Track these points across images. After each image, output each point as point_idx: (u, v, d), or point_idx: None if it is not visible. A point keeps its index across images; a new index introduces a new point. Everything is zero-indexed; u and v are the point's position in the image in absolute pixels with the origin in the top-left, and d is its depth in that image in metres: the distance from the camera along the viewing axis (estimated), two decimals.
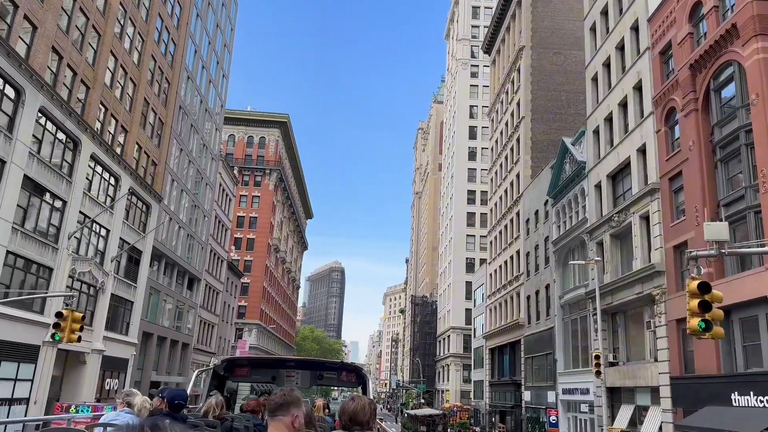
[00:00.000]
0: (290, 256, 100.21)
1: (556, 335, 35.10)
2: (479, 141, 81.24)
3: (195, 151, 45.47)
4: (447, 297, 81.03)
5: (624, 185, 28.23)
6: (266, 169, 79.36)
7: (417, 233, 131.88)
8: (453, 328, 74.78)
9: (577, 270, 33.43)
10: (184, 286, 45.39)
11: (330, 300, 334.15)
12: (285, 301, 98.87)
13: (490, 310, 53.81)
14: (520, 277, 44.21)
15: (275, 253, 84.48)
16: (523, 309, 42.70)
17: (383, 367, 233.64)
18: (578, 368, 32.09)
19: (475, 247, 77.73)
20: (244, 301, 74.70)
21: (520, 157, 46.22)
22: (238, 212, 77.74)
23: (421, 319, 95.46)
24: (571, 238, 33.66)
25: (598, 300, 26.26)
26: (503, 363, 48.99)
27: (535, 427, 38.16)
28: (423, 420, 41.00)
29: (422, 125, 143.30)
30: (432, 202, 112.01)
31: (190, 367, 47.73)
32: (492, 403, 50.08)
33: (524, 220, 43.79)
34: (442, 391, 77.61)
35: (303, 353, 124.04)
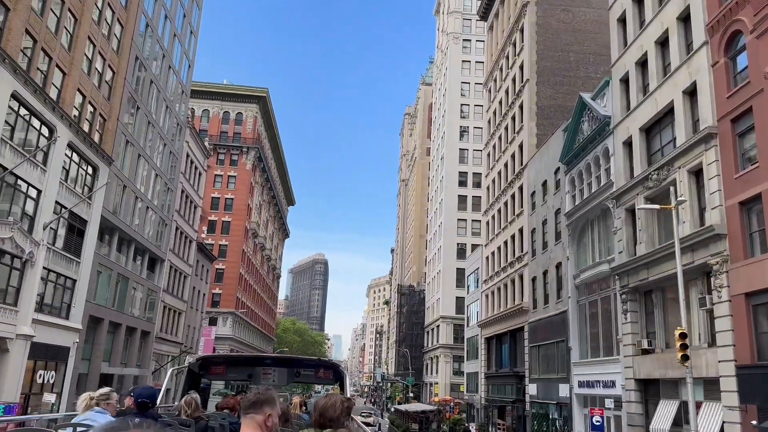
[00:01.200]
0: (270, 243, 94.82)
1: (569, 320, 30.48)
2: (471, 120, 76.54)
3: (156, 113, 40.01)
4: (436, 285, 76.42)
5: (662, 138, 23.55)
6: (243, 147, 73.83)
7: (403, 222, 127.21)
8: (443, 318, 70.19)
9: (597, 244, 28.78)
10: (144, 267, 40.01)
11: (313, 292, 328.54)
12: (264, 290, 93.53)
13: (486, 297, 49.15)
14: (523, 258, 39.54)
15: (253, 238, 79.10)
16: (527, 292, 38.06)
17: (367, 360, 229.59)
18: (599, 357, 27.48)
19: (466, 232, 73.15)
20: (219, 289, 69.34)
21: (523, 125, 41.46)
22: (213, 193, 72.22)
23: (408, 310, 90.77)
24: (589, 207, 28.97)
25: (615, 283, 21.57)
26: (502, 353, 44.39)
27: (543, 425, 33.58)
28: (414, 416, 36.21)
29: (409, 110, 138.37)
30: (419, 187, 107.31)
31: (152, 358, 42.42)
32: (489, 397, 45.50)
33: (529, 193, 39.09)
34: (431, 384, 73.05)
35: (284, 346, 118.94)
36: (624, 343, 24.35)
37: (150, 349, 41.79)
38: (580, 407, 29.22)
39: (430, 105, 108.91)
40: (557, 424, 30.97)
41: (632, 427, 23.17)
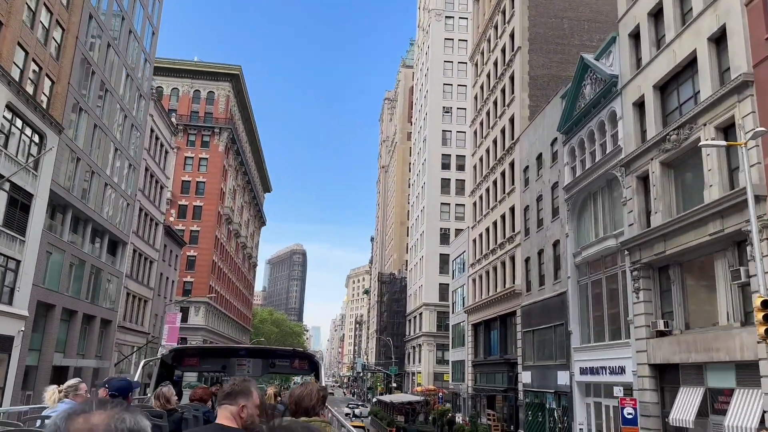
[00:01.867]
0: (245, 230, 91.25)
1: (569, 302, 28.04)
2: (455, 100, 73.87)
3: (115, 80, 36.41)
4: (418, 272, 73.92)
5: (681, 94, 21.04)
6: (215, 127, 70.08)
7: (383, 209, 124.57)
8: (426, 305, 67.76)
9: (601, 218, 26.30)
10: (104, 249, 36.56)
11: (291, 283, 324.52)
12: (240, 279, 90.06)
13: (474, 281, 46.68)
14: (515, 238, 37.04)
15: (227, 224, 75.55)
16: (520, 274, 35.60)
17: (346, 351, 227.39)
18: (604, 341, 25.07)
19: (450, 217, 70.68)
20: (191, 277, 65.83)
21: (515, 96, 38.83)
22: (183, 176, 68.49)
23: (389, 298, 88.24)
24: (592, 179, 26.46)
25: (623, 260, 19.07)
26: (491, 340, 41.99)
27: (538, 415, 31.22)
28: (400, 408, 33.55)
29: (389, 95, 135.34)
30: (400, 173, 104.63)
31: (114, 349, 39.08)
32: (476, 386, 43.12)
33: (521, 169, 36.53)
34: (413, 373, 70.73)
35: (261, 337, 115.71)
36: (636, 325, 21.93)
37: (112, 340, 38.42)
38: (582, 396, 26.85)
39: (411, 88, 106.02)
40: (555, 414, 28.61)
41: (646, 418, 20.78)
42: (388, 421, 34.01)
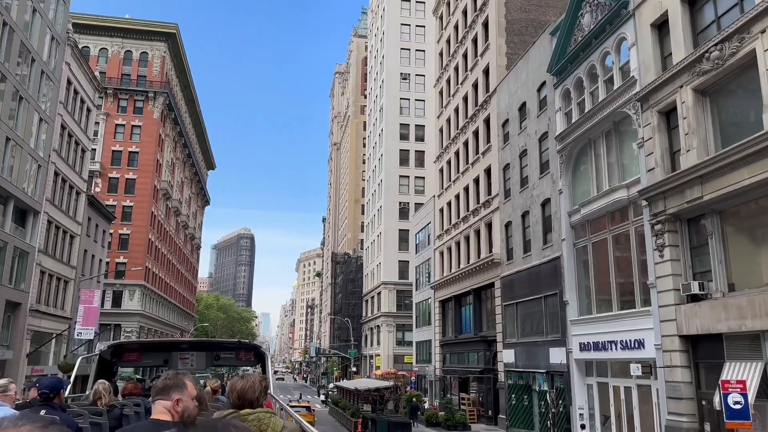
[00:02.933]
0: (187, 209, 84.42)
1: (564, 268, 24.22)
2: (413, 66, 69.33)
3: (18, 12, 29.93)
4: (376, 249, 69.60)
5: (718, 6, 17.16)
6: (149, 91, 63.08)
7: (336, 188, 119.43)
8: (384, 284, 63.58)
9: (605, 168, 22.44)
10: (7, 218, 30.34)
11: (239, 269, 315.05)
12: (182, 261, 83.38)
13: (441, 254, 42.67)
14: (492, 202, 33.04)
15: (165, 200, 68.84)
16: (499, 242, 31.66)
17: (297, 336, 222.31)
18: (611, 311, 21.32)
19: (409, 190, 66.50)
20: (124, 257, 59.23)
21: (489, 44, 34.60)
22: (114, 146, 61.42)
23: (344, 279, 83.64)
24: (594, 122, 22.52)
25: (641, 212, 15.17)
26: (462, 317, 38.13)
27: (524, 398, 27.49)
28: (366, 396, 29.10)
29: (340, 68, 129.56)
30: (353, 149, 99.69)
31: (26, 337, 32.98)
32: (446, 368, 39.28)
33: (499, 123, 32.44)
34: (371, 356, 66.67)
35: (207, 323, 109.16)
36: (659, 290, 18.16)
37: (22, 326, 32.32)
38: (582, 376, 23.14)
39: (364, 59, 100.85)
40: (548, 397, 24.86)
41: (676, 401, 17.12)
42: (352, 411, 29.60)
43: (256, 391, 3.16)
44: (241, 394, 3.15)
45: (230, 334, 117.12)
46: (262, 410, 3.10)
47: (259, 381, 3.23)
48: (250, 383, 3.18)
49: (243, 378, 3.23)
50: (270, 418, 3.05)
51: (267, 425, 3.01)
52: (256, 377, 3.24)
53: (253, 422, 2.97)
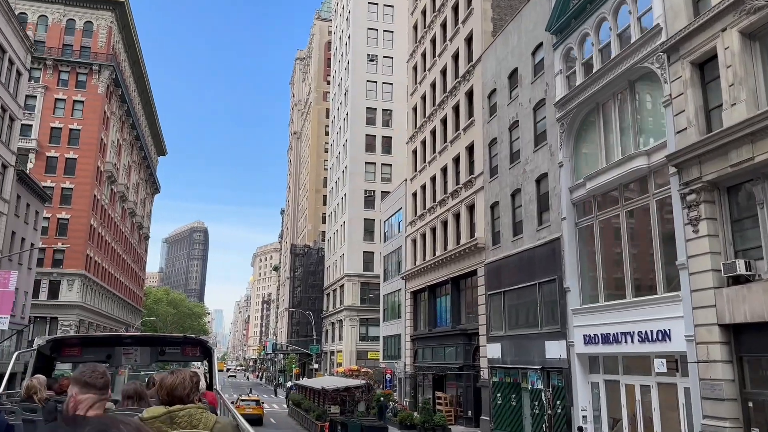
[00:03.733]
0: (134, 196, 78.74)
1: (564, 251, 21.36)
2: (380, 48, 65.92)
3: None
4: (339, 240, 66.04)
5: None
6: (93, 64, 57.61)
7: (295, 178, 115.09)
8: (348, 276, 60.13)
9: (618, 134, 19.63)
10: None
11: (191, 263, 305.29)
12: (128, 251, 77.71)
13: (413, 242, 39.54)
14: (474, 182, 30.04)
15: (110, 183, 63.38)
16: (482, 225, 28.68)
17: (251, 333, 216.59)
18: (623, 299, 18.53)
19: (375, 177, 63.17)
20: (62, 243, 53.78)
21: (473, 8, 31.54)
22: (53, 122, 55.80)
23: (305, 271, 79.69)
24: (604, 83, 19.67)
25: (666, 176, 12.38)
26: (438, 308, 35.08)
27: (511, 397, 24.61)
28: (333, 396, 25.59)
29: (301, 54, 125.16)
30: (315, 137, 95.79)
31: None
32: (418, 364, 36.19)
33: (485, 95, 29.42)
34: (332, 352, 63.17)
35: (156, 318, 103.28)
36: (693, 271, 15.41)
37: None
38: (585, 372, 20.33)
39: (327, 43, 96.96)
40: (543, 396, 21.99)
41: (715, 402, 14.39)
42: (318, 414, 26.07)
43: (186, 387, 3.11)
44: (171, 389, 3.07)
45: (181, 330, 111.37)
46: (194, 405, 3.03)
47: (189, 377, 3.16)
48: (180, 379, 3.10)
49: (172, 374, 3.16)
50: (202, 414, 3.01)
51: (199, 420, 2.97)
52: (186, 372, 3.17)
53: (183, 418, 2.93)
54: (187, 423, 2.90)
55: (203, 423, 2.96)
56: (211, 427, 2.96)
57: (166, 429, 2.86)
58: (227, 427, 3.11)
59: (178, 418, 2.89)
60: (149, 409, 3.04)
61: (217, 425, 3.00)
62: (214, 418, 3.05)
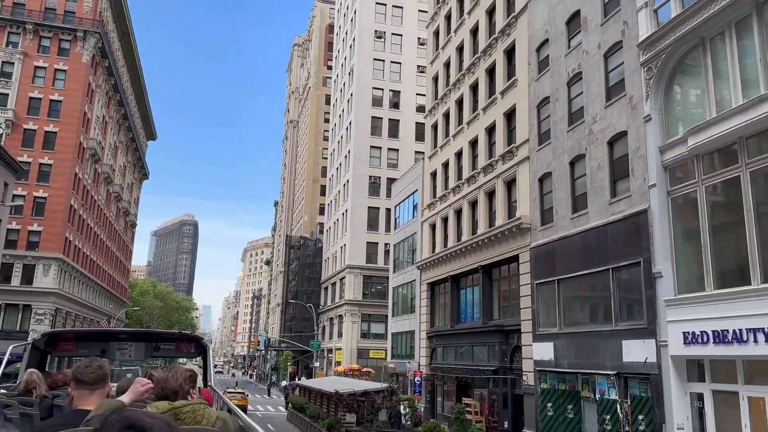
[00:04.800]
0: (121, 179, 73.69)
1: (653, 228, 16.95)
2: (389, 24, 61.41)
3: None
4: (340, 230, 61.49)
5: None
6: (78, 30, 52.61)
7: (291, 168, 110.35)
8: (350, 268, 55.62)
9: (737, 73, 15.18)
10: None
11: (180, 256, 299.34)
12: (113, 238, 72.65)
13: (432, 227, 35.09)
14: (517, 151, 25.59)
15: (93, 162, 58.36)
16: (528, 202, 24.23)
17: (240, 329, 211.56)
18: (748, 285, 14.12)
19: (381, 163, 58.68)
20: (38, 225, 48.83)
21: None
22: (32, 92, 50.81)
23: (300, 264, 74.97)
24: (711, 13, 15.26)
25: None
26: (463, 302, 30.62)
27: (567, 408, 20.17)
28: (349, 402, 20.92)
29: (299, 40, 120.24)
30: (314, 124, 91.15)
31: None
32: (437, 365, 31.71)
33: (532, 48, 24.96)
34: (330, 350, 58.64)
35: (143, 312, 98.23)
36: None
37: None
38: (682, 380, 15.91)
39: (329, 25, 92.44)
40: (618, 409, 17.54)
41: None
42: (329, 423, 21.43)
43: (179, 379, 3.18)
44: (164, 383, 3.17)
45: (168, 324, 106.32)
46: (197, 401, 3.10)
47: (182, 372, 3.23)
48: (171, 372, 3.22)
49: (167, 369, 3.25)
50: (204, 410, 3.07)
51: (202, 416, 3.02)
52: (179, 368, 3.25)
53: (188, 414, 2.98)
54: (191, 419, 2.95)
55: (206, 419, 3.02)
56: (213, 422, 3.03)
57: None
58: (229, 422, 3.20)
59: (183, 414, 2.95)
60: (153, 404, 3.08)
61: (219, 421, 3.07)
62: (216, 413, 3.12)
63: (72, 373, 3.09)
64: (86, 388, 2.94)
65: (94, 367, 3.01)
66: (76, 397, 2.99)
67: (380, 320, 55.80)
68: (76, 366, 3.06)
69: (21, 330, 46.44)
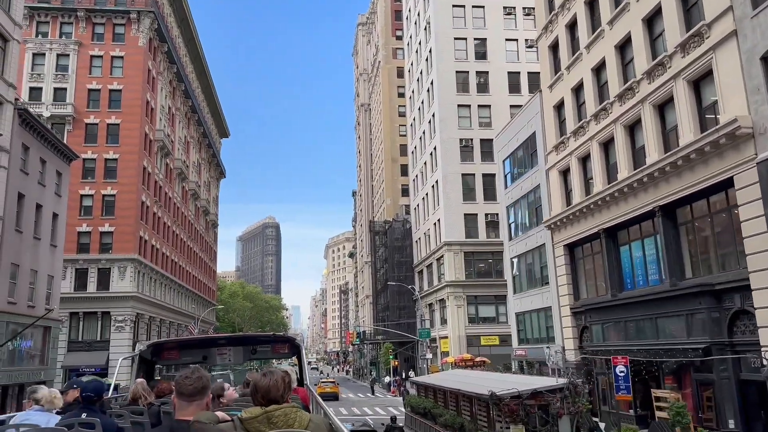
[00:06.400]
0: (196, 176, 70.35)
1: None
2: None
3: None
4: (429, 206, 54.69)
5: None
6: (131, 11, 48.63)
7: (365, 154, 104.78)
8: (448, 245, 48.70)
9: None
10: None
11: (266, 259, 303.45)
12: (193, 238, 69.46)
13: (564, 173, 27.49)
14: (709, 30, 17.54)
15: (163, 156, 54.61)
16: (744, 95, 16.21)
17: (330, 326, 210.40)
18: None
19: (472, 123, 51.22)
20: (109, 225, 45.22)
21: None
22: (89, 83, 47.29)
23: (389, 248, 68.68)
24: None
25: None
26: (626, 261, 22.87)
27: None
28: (513, 409, 13.93)
29: (362, 19, 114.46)
30: (387, 100, 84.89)
31: None
32: (596, 347, 24.11)
33: None
34: (434, 339, 51.95)
35: (233, 314, 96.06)
36: None
37: None
38: None
39: None
40: None
41: None
42: None
43: (280, 389, 3.19)
44: (266, 393, 3.16)
45: (260, 325, 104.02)
46: (288, 405, 3.15)
47: (281, 378, 3.24)
48: (273, 381, 3.19)
49: (265, 376, 3.24)
50: (296, 413, 3.12)
51: (294, 419, 3.06)
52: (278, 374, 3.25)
53: (279, 417, 3.03)
54: (283, 422, 3.01)
55: (298, 422, 3.06)
56: (305, 426, 3.06)
57: (264, 429, 2.96)
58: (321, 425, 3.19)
59: (275, 418, 3.01)
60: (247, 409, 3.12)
61: (311, 424, 3.09)
62: (308, 416, 3.15)
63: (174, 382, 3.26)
64: (185, 400, 3.15)
65: (194, 378, 3.17)
66: (177, 407, 3.19)
67: (488, 302, 48.61)
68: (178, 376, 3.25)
69: (102, 339, 42.98)
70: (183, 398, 3.13)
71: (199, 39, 68.35)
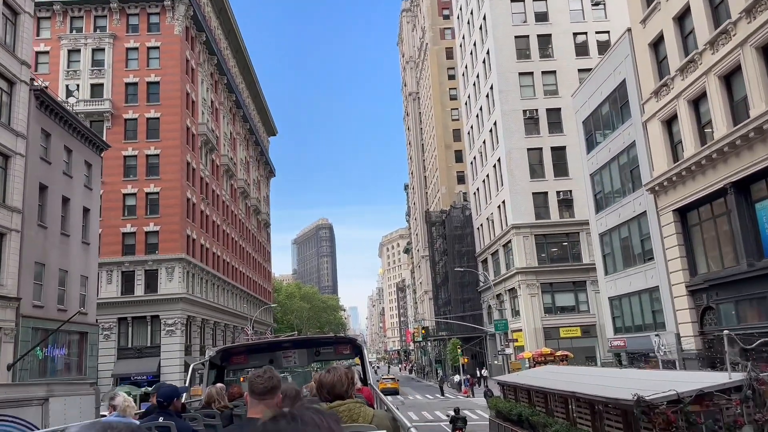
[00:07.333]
0: (245, 174, 67.99)
1: None
2: None
3: None
4: (492, 187, 49.97)
5: None
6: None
7: (416, 144, 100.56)
8: (516, 228, 43.93)
9: None
10: None
11: (321, 260, 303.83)
12: (245, 237, 67.14)
13: (668, 123, 22.51)
14: None
15: (207, 151, 52.13)
16: None
17: (388, 325, 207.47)
18: None
19: (535, 92, 46.22)
20: (154, 224, 42.87)
21: None
22: (126, 77, 45.17)
23: (449, 237, 64.21)
24: None
25: None
26: (764, 221, 17.85)
27: None
28: (668, 423, 9.73)
29: (406, 4, 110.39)
30: (437, 84, 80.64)
31: None
32: (725, 331, 19.15)
33: None
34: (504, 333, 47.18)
35: (290, 315, 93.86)
36: None
37: None
38: None
39: None
40: None
41: None
42: None
43: (344, 384, 3.27)
44: (331, 389, 3.26)
45: (318, 326, 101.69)
46: (352, 401, 3.23)
47: (344, 374, 3.31)
48: (338, 377, 3.27)
49: (329, 372, 3.32)
50: (360, 408, 3.20)
51: (358, 414, 3.14)
52: (341, 370, 3.31)
53: (344, 412, 3.10)
54: (347, 417, 3.07)
55: (362, 417, 3.14)
56: (370, 420, 3.14)
57: None
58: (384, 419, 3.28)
59: (339, 413, 3.06)
60: None
61: (375, 418, 3.18)
62: (372, 411, 3.25)
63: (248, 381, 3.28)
64: (255, 398, 3.16)
65: (265, 378, 3.17)
66: (249, 405, 3.25)
67: (566, 289, 43.61)
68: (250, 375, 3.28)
69: (152, 345, 40.60)
70: (254, 396, 3.15)
71: (240, 32, 65.96)
